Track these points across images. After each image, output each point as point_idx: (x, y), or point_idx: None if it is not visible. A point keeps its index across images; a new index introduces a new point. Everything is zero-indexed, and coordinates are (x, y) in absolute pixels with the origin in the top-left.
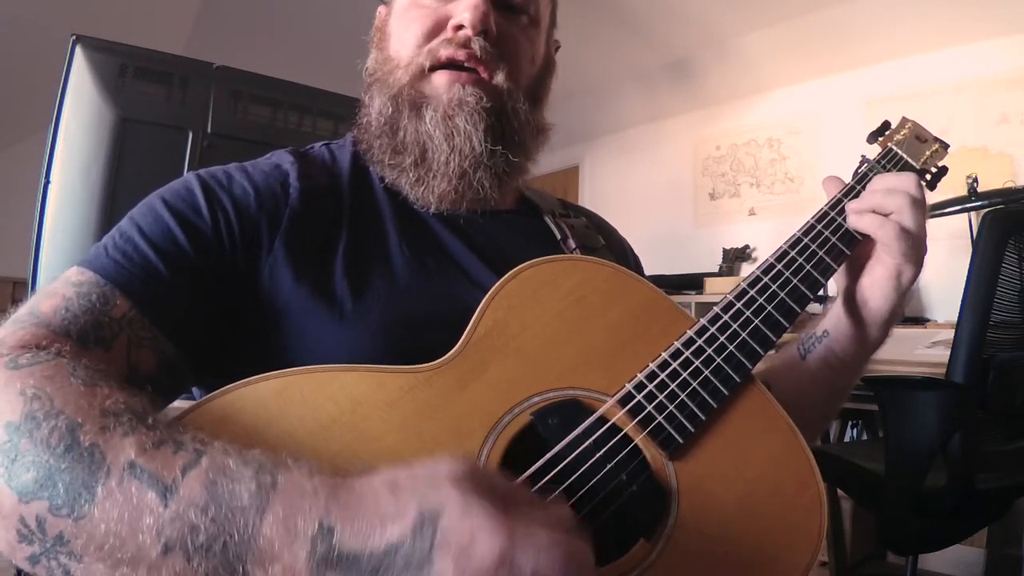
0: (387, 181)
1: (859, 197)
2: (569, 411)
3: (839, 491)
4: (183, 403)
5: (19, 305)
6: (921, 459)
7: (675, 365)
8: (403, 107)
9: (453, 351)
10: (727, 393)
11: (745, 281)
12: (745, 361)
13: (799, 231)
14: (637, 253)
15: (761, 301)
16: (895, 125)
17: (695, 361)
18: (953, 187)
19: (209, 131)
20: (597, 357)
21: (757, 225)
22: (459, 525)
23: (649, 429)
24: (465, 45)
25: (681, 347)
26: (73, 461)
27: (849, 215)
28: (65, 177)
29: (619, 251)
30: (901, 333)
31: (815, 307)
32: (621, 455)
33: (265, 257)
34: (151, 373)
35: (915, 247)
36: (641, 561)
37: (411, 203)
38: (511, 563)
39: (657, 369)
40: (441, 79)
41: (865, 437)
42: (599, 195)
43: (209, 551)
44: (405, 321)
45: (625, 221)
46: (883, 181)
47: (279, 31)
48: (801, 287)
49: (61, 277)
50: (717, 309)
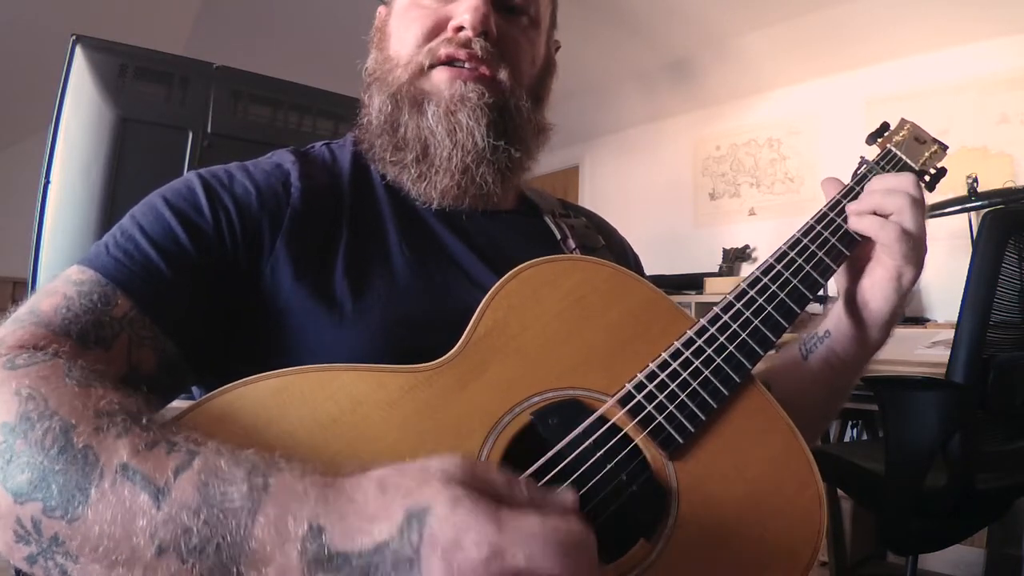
0: (389, 179)
1: (859, 198)
2: (569, 411)
3: (839, 491)
4: (183, 403)
5: (19, 305)
6: (921, 459)
7: (675, 365)
8: (403, 104)
9: (453, 351)
10: (727, 393)
11: (745, 282)
12: (745, 361)
13: (798, 232)
14: (637, 253)
15: (761, 302)
16: (894, 126)
17: (695, 361)
18: (953, 187)
19: (209, 131)
20: (597, 357)
21: (757, 225)
22: (446, 521)
23: (649, 429)
24: (466, 46)
25: (681, 347)
26: (67, 463)
27: (849, 217)
28: (65, 177)
29: (619, 251)
30: (901, 333)
31: (815, 307)
32: (621, 455)
33: (266, 256)
34: (152, 372)
35: (915, 249)
36: (641, 561)
37: (412, 202)
38: (502, 555)
39: (657, 369)
40: (441, 75)
41: (865, 437)
42: (599, 195)
43: (203, 553)
44: (405, 321)
45: (625, 221)
46: (882, 182)
47: (279, 31)
48: (801, 288)
49: (62, 276)
50: (717, 309)
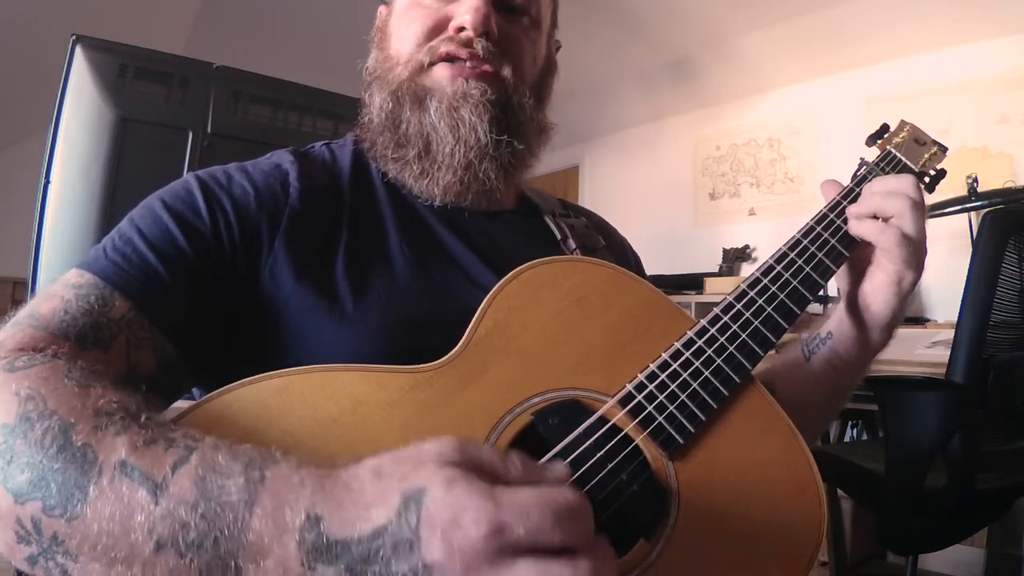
0: (390, 177)
1: (859, 200)
2: (570, 411)
3: (839, 491)
4: (184, 403)
5: (19, 305)
6: (921, 459)
7: (675, 366)
8: (404, 101)
9: (454, 351)
10: (727, 394)
11: (745, 283)
12: (745, 362)
13: (798, 233)
14: (637, 253)
15: (761, 303)
16: (894, 128)
17: (695, 362)
18: (953, 187)
19: (209, 131)
20: (597, 357)
21: (757, 225)
22: (443, 501)
23: (650, 429)
24: (467, 45)
25: (681, 348)
26: (65, 461)
27: (850, 221)
28: (65, 177)
29: (619, 251)
30: (901, 333)
31: (814, 307)
32: (622, 455)
33: (265, 257)
34: (150, 373)
35: (915, 253)
36: (641, 561)
37: (412, 201)
38: (502, 529)
39: (657, 370)
40: (443, 72)
41: (865, 437)
42: (599, 195)
43: (201, 547)
44: (405, 321)
45: (625, 221)
46: (882, 184)
47: (279, 31)
48: (800, 289)
49: (60, 279)
50: (717, 310)
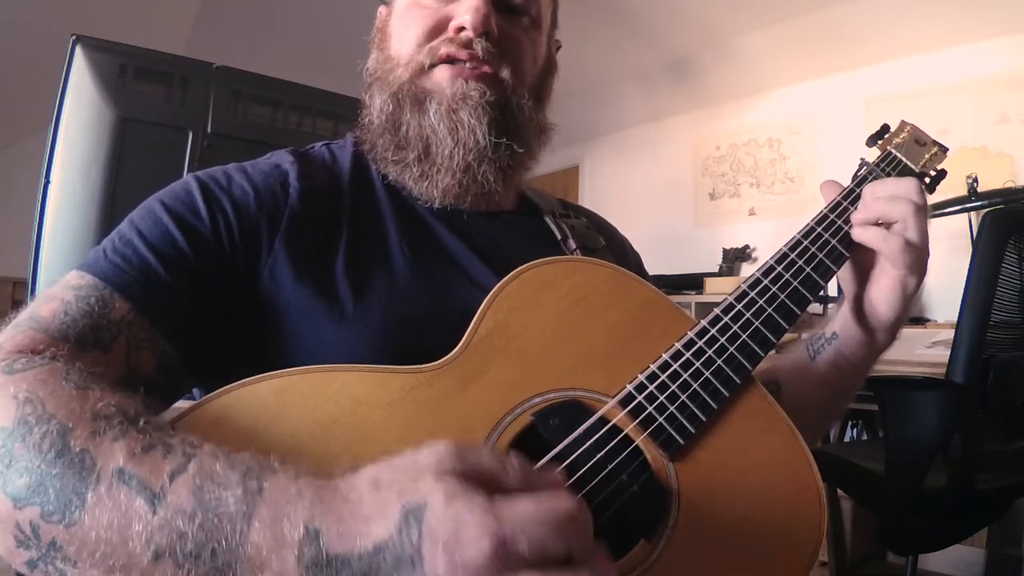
0: (390, 178)
1: (863, 205)
2: (570, 412)
3: (839, 491)
4: (184, 403)
5: (19, 306)
6: (921, 459)
7: (675, 366)
8: (404, 103)
9: (454, 352)
10: (727, 394)
11: (745, 283)
12: (745, 363)
13: (799, 233)
14: (638, 252)
15: (761, 303)
16: (894, 128)
17: (695, 362)
18: (953, 187)
19: (209, 131)
20: (597, 358)
21: (757, 225)
22: (444, 516)
23: (650, 430)
24: (466, 46)
25: (681, 348)
26: (64, 467)
27: (854, 228)
28: (65, 177)
29: (619, 251)
30: (901, 333)
31: (814, 307)
32: (622, 456)
33: (265, 258)
34: (151, 375)
35: (919, 258)
36: (642, 562)
37: (412, 202)
38: (504, 545)
39: (657, 370)
40: (443, 74)
41: (865, 437)
42: (599, 195)
43: (199, 558)
44: (405, 321)
45: (625, 221)
46: (885, 188)
47: (279, 31)
48: (801, 289)
49: (61, 281)
50: (717, 311)
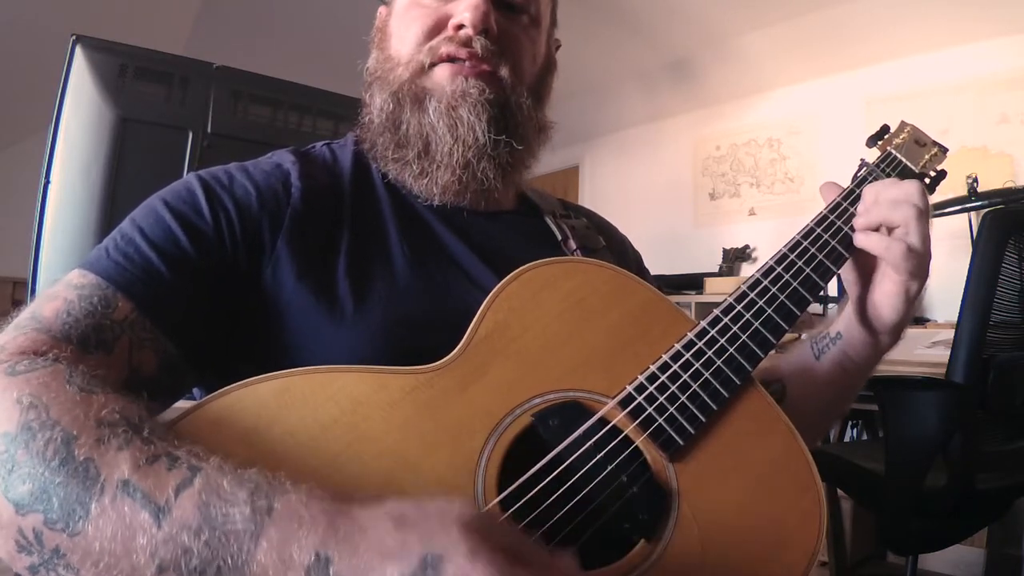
0: (390, 177)
1: (864, 209)
2: (570, 413)
3: (839, 491)
4: (185, 403)
5: (19, 305)
6: (921, 459)
7: (675, 367)
8: (404, 102)
9: (454, 352)
10: (727, 395)
11: (745, 284)
12: (745, 364)
13: (799, 234)
14: (637, 251)
15: (761, 304)
16: (894, 129)
17: (695, 363)
18: (953, 187)
19: (209, 131)
20: (598, 359)
21: (757, 225)
22: (463, 572)
23: (650, 431)
24: (466, 44)
25: (681, 349)
26: (67, 475)
27: (856, 234)
28: (65, 177)
29: (619, 250)
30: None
31: (814, 307)
32: (622, 457)
33: (267, 257)
34: (153, 374)
35: (921, 263)
36: (642, 562)
37: (413, 201)
38: None
39: (657, 371)
40: (443, 72)
41: (865, 437)
42: (599, 195)
43: (203, 575)
44: (405, 321)
45: (625, 221)
46: (888, 192)
47: (279, 31)
48: (801, 290)
49: (63, 280)
50: (717, 312)
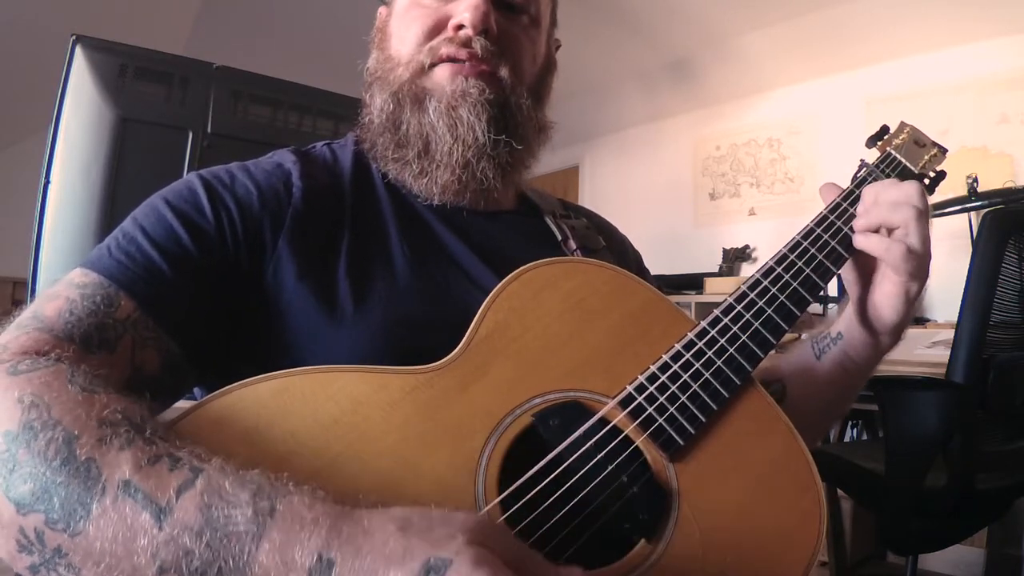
0: (390, 177)
1: (863, 210)
2: (570, 413)
3: (839, 491)
4: (187, 403)
5: (19, 305)
6: (921, 459)
7: (675, 367)
8: (404, 102)
9: (454, 352)
10: (727, 395)
11: (745, 284)
12: (745, 364)
13: (799, 235)
14: (637, 251)
15: (761, 304)
16: (894, 129)
17: (695, 363)
18: (953, 187)
19: (209, 131)
20: (598, 359)
21: (757, 225)
22: None
23: (650, 431)
24: (466, 45)
25: (682, 349)
26: (69, 475)
27: (855, 235)
28: (65, 177)
29: (619, 250)
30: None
31: (814, 307)
32: (622, 457)
33: (268, 256)
34: (155, 373)
35: (921, 264)
36: (642, 561)
37: (413, 201)
38: None
39: (658, 371)
40: (443, 72)
41: (865, 437)
42: (599, 195)
43: None
44: (406, 322)
45: (625, 221)
46: (888, 193)
47: (279, 31)
48: (800, 291)
49: (64, 279)
50: (717, 312)
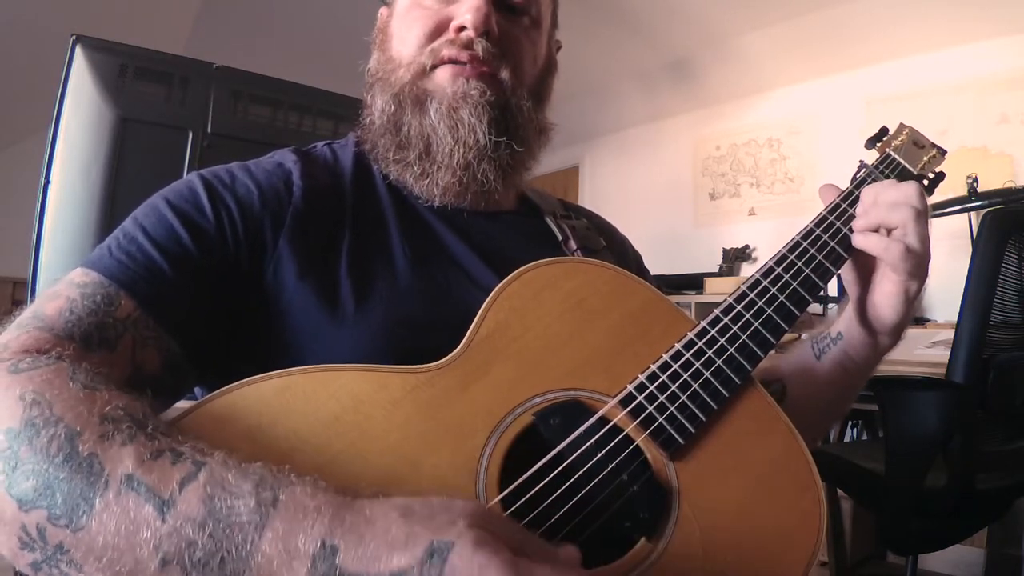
0: (391, 178)
1: (862, 210)
2: (571, 412)
3: (839, 491)
4: (187, 403)
5: (20, 305)
6: (921, 459)
7: (676, 367)
8: (406, 104)
9: (455, 352)
10: (727, 395)
11: (745, 284)
12: (745, 363)
13: (798, 235)
14: (637, 251)
15: (760, 304)
16: (893, 131)
17: (695, 363)
18: (953, 187)
19: (209, 131)
20: (598, 358)
21: (757, 225)
22: (469, 560)
23: (650, 430)
24: (467, 47)
25: (682, 349)
26: (71, 471)
27: (855, 235)
28: (65, 177)
29: (619, 251)
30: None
31: (814, 307)
32: (622, 455)
33: (268, 256)
34: (156, 373)
35: (920, 263)
36: (642, 560)
37: (414, 202)
38: None
39: (658, 370)
40: (444, 74)
41: (865, 437)
42: (599, 195)
43: (207, 567)
44: (406, 321)
45: (625, 221)
46: (886, 194)
47: (279, 31)
48: (800, 291)
49: (65, 278)
50: (717, 312)
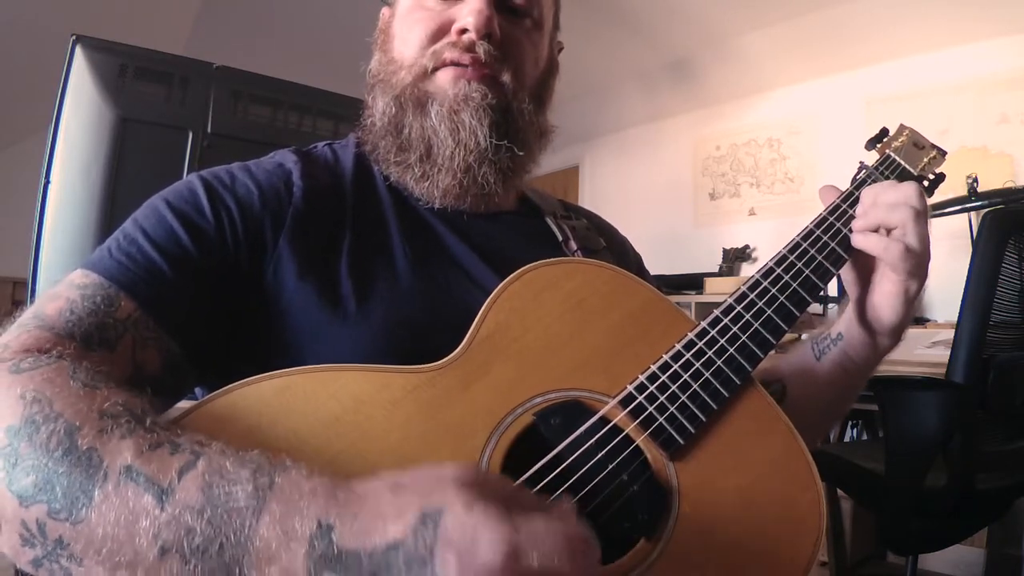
0: (392, 179)
1: (862, 211)
2: (571, 412)
3: (839, 491)
4: (188, 403)
5: (20, 305)
6: (921, 459)
7: (676, 367)
8: (407, 106)
9: (456, 352)
10: (727, 395)
11: (745, 285)
12: (745, 364)
13: (798, 236)
14: (638, 252)
15: (761, 305)
16: (893, 132)
17: (696, 363)
18: (953, 187)
19: (209, 131)
20: (598, 359)
21: (757, 225)
22: (462, 523)
23: (650, 430)
24: (469, 49)
25: (682, 349)
26: (71, 465)
27: (854, 235)
28: (65, 177)
29: (619, 251)
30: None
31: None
32: (622, 456)
33: (268, 256)
34: (156, 373)
35: (919, 263)
36: (642, 560)
37: (414, 203)
38: (516, 555)
39: (658, 371)
40: (446, 76)
41: (865, 437)
42: (599, 195)
43: (205, 553)
44: (407, 322)
45: (625, 221)
46: (886, 195)
47: (279, 31)
48: (800, 291)
49: (65, 280)
50: (717, 312)
